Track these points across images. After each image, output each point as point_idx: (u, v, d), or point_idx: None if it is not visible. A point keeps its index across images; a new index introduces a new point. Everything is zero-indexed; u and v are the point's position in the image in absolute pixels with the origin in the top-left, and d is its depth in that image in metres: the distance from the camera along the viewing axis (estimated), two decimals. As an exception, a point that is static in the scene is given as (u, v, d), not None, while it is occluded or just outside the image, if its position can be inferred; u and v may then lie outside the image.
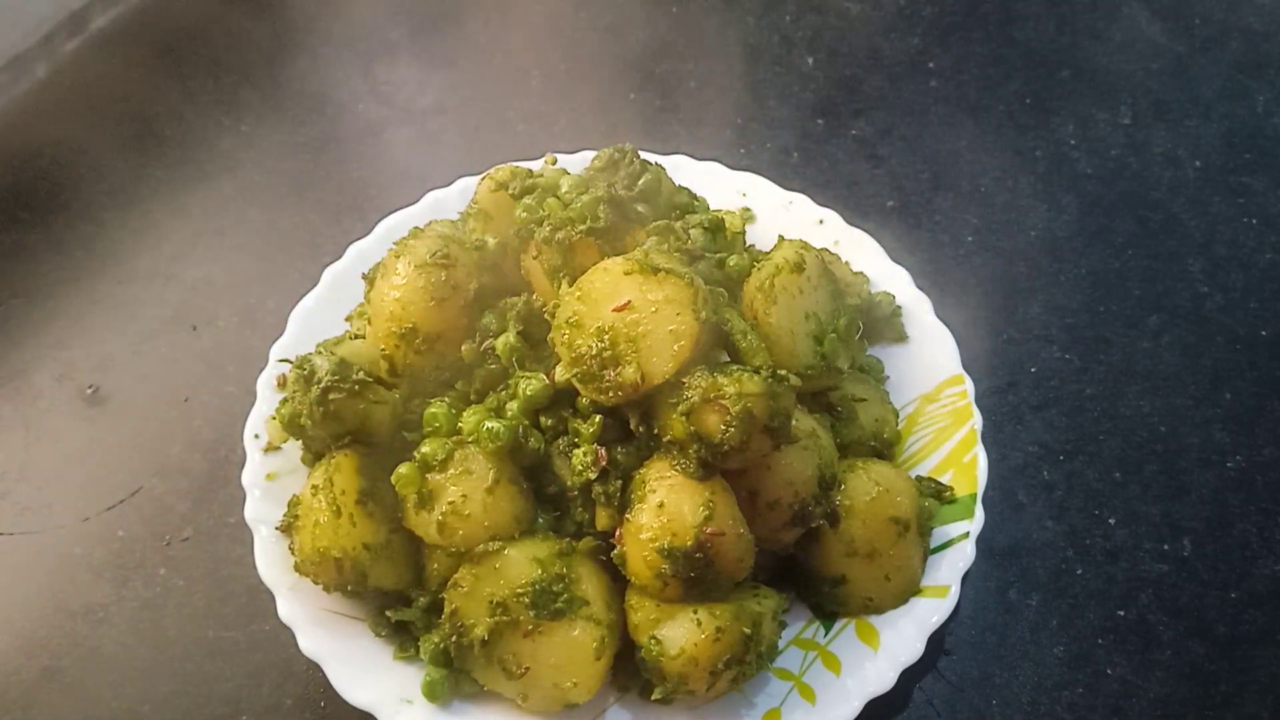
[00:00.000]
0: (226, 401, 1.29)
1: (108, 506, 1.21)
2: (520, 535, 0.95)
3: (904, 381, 1.18)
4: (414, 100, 1.68)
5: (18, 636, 1.11)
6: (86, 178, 1.56)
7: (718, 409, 0.89)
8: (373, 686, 0.96)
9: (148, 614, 1.13)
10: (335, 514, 0.96)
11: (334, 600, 1.00)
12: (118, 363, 1.34)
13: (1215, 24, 1.80)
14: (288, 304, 1.21)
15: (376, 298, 1.07)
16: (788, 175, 1.37)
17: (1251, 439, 1.27)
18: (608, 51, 1.77)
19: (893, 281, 1.24)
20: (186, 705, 1.06)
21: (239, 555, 1.15)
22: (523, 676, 0.92)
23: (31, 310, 1.40)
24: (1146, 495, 1.23)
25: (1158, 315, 1.40)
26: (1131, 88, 1.70)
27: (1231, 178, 1.57)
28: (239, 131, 1.63)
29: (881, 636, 1.00)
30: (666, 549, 0.90)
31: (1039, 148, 1.61)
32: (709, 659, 0.90)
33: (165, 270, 1.44)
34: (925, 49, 1.77)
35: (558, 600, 0.92)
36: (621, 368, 0.91)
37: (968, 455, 1.10)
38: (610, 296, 0.93)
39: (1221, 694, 1.08)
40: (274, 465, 1.08)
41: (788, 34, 1.79)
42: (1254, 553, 1.18)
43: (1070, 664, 1.10)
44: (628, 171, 1.09)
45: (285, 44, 1.77)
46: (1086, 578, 1.16)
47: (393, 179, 1.55)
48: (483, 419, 0.97)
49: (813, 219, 1.29)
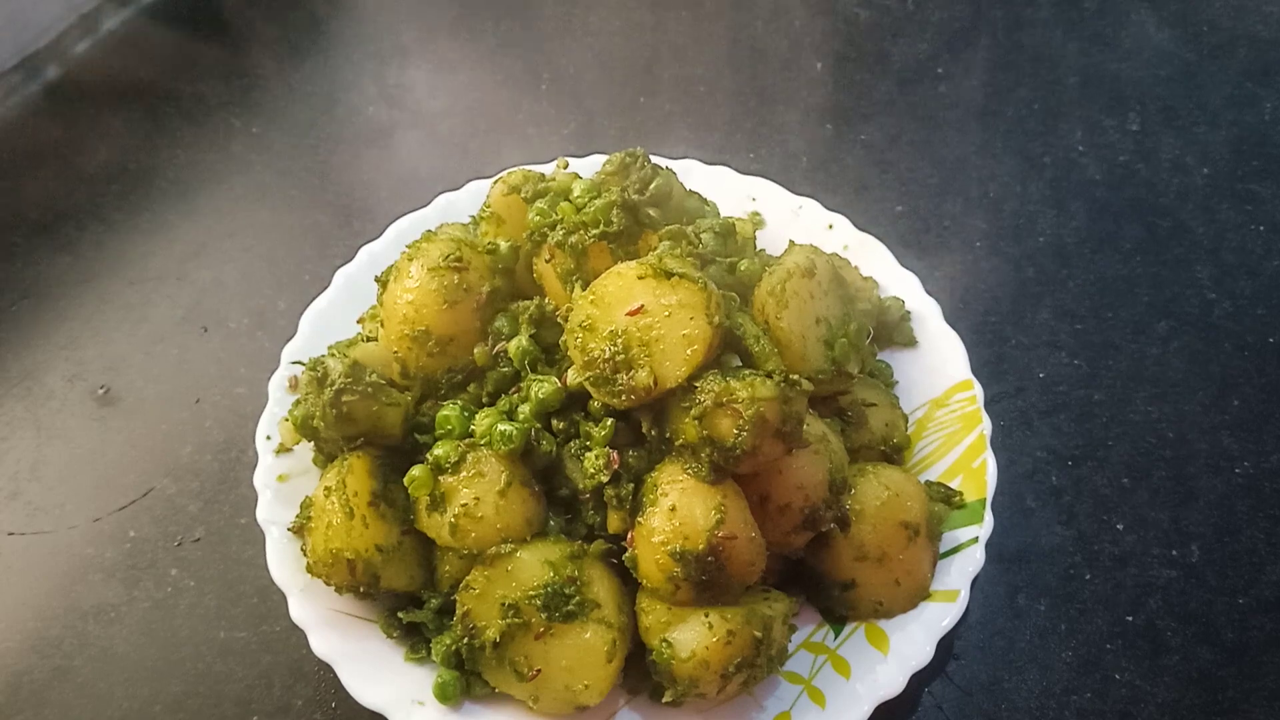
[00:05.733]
0: (237, 403, 1.30)
1: (119, 507, 1.22)
2: (532, 538, 0.96)
3: (913, 386, 1.19)
4: (424, 103, 1.69)
5: (30, 636, 1.12)
6: (97, 179, 1.56)
7: (730, 413, 0.89)
8: (384, 688, 0.96)
9: (159, 614, 1.13)
10: (348, 515, 0.96)
11: (346, 601, 1.00)
12: (129, 364, 1.35)
13: (1223, 31, 1.80)
14: (299, 305, 1.21)
15: (389, 300, 1.07)
16: (797, 180, 1.37)
17: (1259, 445, 1.28)
18: (617, 55, 1.77)
19: (902, 286, 1.24)
20: (197, 705, 1.07)
21: (250, 556, 1.16)
22: (534, 678, 0.92)
23: (42, 311, 1.41)
24: (1155, 501, 1.23)
25: (1166, 321, 1.40)
26: (1140, 94, 1.70)
27: (1239, 184, 1.57)
28: (250, 133, 1.64)
29: (891, 640, 1.00)
30: (678, 552, 0.90)
31: (1047, 154, 1.62)
32: (720, 662, 0.90)
33: (176, 271, 1.45)
34: (934, 55, 1.77)
35: (569, 603, 0.92)
36: (634, 371, 0.91)
37: (977, 460, 1.10)
38: (623, 300, 0.93)
39: (1229, 699, 1.08)
40: (285, 466, 1.09)
41: (797, 39, 1.80)
42: (1262, 559, 1.18)
43: (1079, 669, 1.10)
44: (639, 176, 1.09)
45: (296, 46, 1.78)
46: (1095, 583, 1.16)
47: (403, 181, 1.56)
48: (495, 422, 0.98)
49: (822, 224, 1.30)
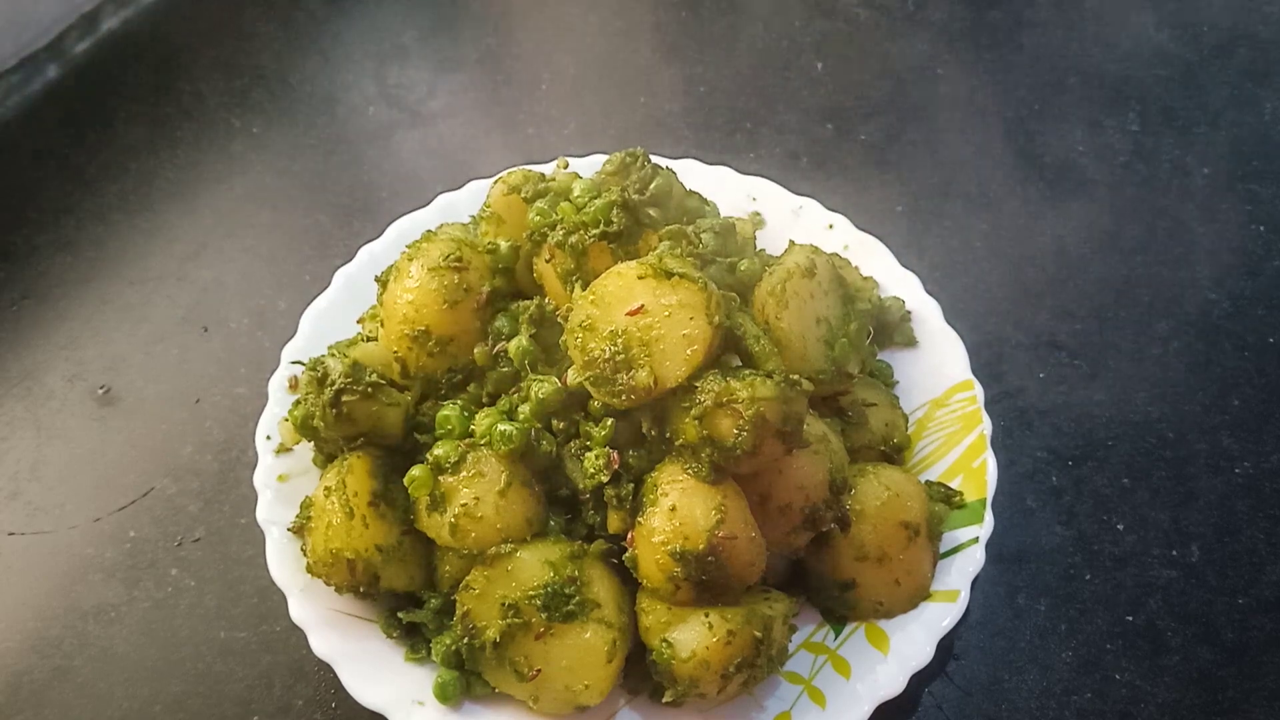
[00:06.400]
0: (237, 403, 1.30)
1: (119, 507, 1.22)
2: (532, 538, 0.96)
3: (914, 386, 1.19)
4: (424, 103, 1.69)
5: (30, 636, 1.12)
6: (97, 179, 1.56)
7: (730, 413, 0.89)
8: (384, 688, 0.96)
9: (159, 614, 1.13)
10: (348, 515, 0.96)
11: (346, 601, 1.00)
12: (129, 364, 1.35)
13: (1223, 31, 1.80)
14: (299, 305, 1.21)
15: (389, 300, 1.07)
16: (797, 180, 1.37)
17: (1259, 445, 1.28)
18: (618, 55, 1.77)
19: (902, 286, 1.24)
20: (197, 705, 1.07)
21: (250, 556, 1.16)
22: (534, 678, 0.92)
23: (43, 311, 1.41)
24: (1155, 501, 1.23)
25: (1166, 322, 1.40)
26: (1140, 95, 1.70)
27: (1240, 185, 1.57)
28: (250, 133, 1.64)
29: (891, 640, 1.00)
30: (678, 552, 0.90)
31: (1047, 154, 1.62)
32: (720, 662, 0.90)
33: (176, 271, 1.45)
34: (934, 55, 1.77)
35: (570, 603, 0.92)
36: (635, 371, 0.91)
37: (977, 460, 1.10)
38: (624, 300, 0.93)
39: (1229, 699, 1.08)
40: (286, 466, 1.09)
41: (797, 39, 1.80)
42: (1262, 559, 1.18)
43: (1079, 669, 1.10)
44: (639, 175, 1.09)
45: (296, 46, 1.77)
46: (1095, 583, 1.16)
47: (403, 181, 1.56)
48: (495, 422, 0.98)
49: (822, 224, 1.30)
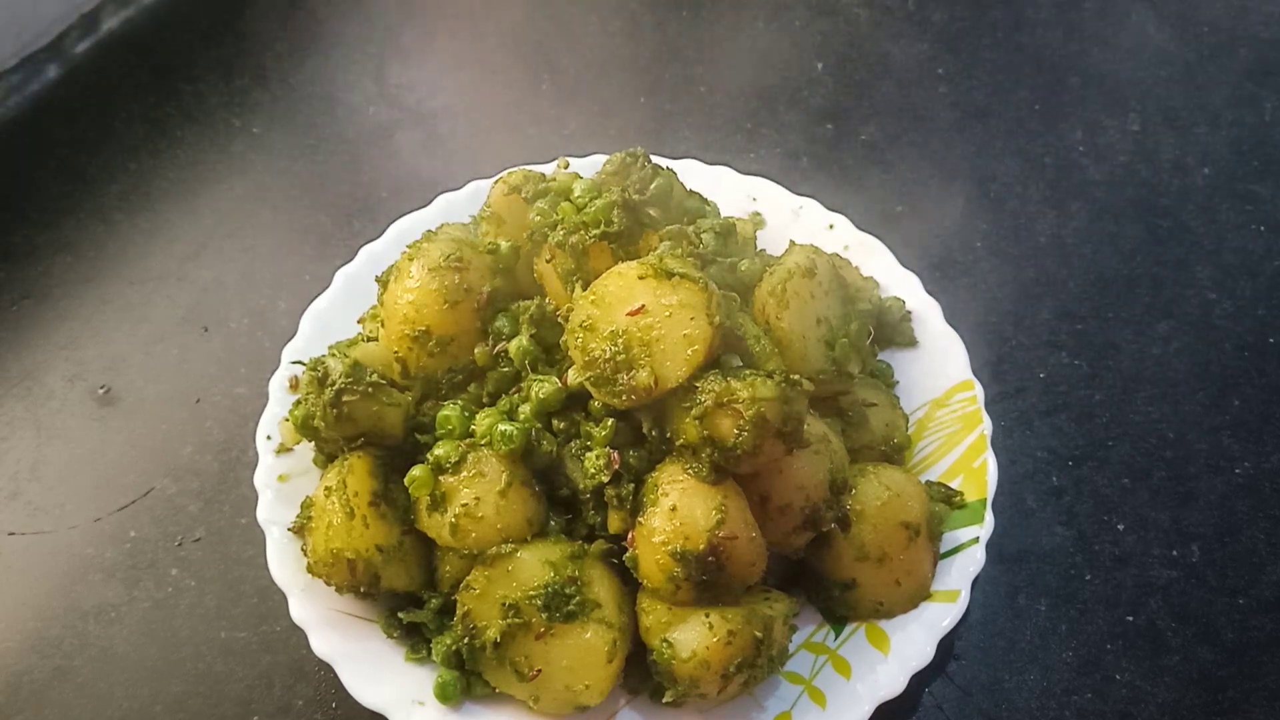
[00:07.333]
0: (238, 403, 1.30)
1: (119, 507, 1.22)
2: (533, 538, 0.96)
3: (914, 386, 1.19)
4: (425, 103, 1.68)
5: (30, 636, 1.12)
6: (98, 179, 1.56)
7: (731, 413, 0.89)
8: (385, 688, 0.96)
9: (159, 614, 1.13)
10: (348, 515, 0.96)
11: (346, 602, 1.00)
12: (129, 364, 1.35)
13: (1224, 31, 1.80)
14: (299, 305, 1.21)
15: (390, 300, 1.07)
16: (797, 180, 1.37)
17: (1260, 445, 1.28)
18: (618, 55, 1.77)
19: (903, 286, 1.24)
20: (198, 706, 1.07)
21: (250, 556, 1.16)
22: (534, 679, 0.93)
23: (43, 311, 1.40)
24: (1155, 501, 1.23)
25: (1166, 322, 1.40)
26: (1140, 94, 1.70)
27: (1240, 185, 1.57)
28: (250, 133, 1.63)
29: (892, 641, 1.00)
30: (679, 552, 0.90)
31: (1048, 154, 1.62)
32: (720, 662, 0.90)
33: (177, 271, 1.45)
34: (935, 55, 1.77)
35: (570, 603, 0.92)
36: (635, 372, 0.91)
37: (977, 460, 1.10)
38: (624, 301, 0.93)
39: (1229, 699, 1.08)
40: (286, 466, 1.09)
41: (797, 39, 1.79)
42: (1262, 559, 1.18)
43: (1079, 669, 1.10)
44: (640, 175, 1.09)
45: (296, 46, 1.77)
46: (1095, 583, 1.16)
47: (403, 181, 1.55)
48: (495, 422, 0.98)
49: (822, 224, 1.30)
